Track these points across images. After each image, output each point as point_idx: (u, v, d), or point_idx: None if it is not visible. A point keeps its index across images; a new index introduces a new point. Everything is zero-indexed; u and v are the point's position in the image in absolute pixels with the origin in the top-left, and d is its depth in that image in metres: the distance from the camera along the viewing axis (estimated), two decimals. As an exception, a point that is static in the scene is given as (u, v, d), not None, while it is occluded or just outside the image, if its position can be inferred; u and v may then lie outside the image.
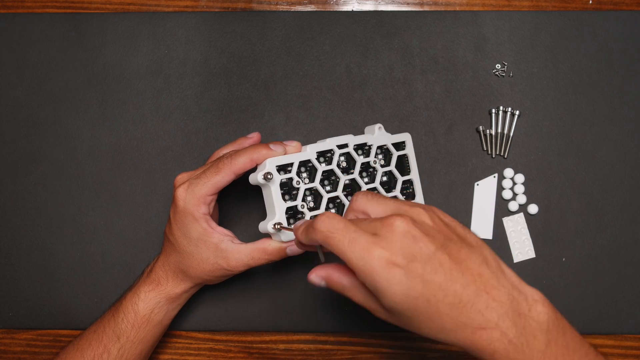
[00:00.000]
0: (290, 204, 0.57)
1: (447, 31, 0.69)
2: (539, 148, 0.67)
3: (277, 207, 0.56)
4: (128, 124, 0.69)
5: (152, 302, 0.58)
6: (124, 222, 0.67)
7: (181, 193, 0.57)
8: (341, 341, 0.66)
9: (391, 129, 0.67)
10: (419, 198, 0.63)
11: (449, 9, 0.71)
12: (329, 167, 0.59)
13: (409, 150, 0.62)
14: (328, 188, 0.59)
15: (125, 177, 0.68)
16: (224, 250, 0.57)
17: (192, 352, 0.65)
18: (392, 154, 0.61)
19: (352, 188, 0.60)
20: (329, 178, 0.59)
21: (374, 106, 0.68)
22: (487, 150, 0.68)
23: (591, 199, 0.66)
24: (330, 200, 0.59)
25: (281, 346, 0.66)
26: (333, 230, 0.43)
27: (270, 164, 0.56)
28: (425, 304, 0.41)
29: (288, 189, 0.57)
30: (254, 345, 0.66)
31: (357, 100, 0.69)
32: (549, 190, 0.67)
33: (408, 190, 0.63)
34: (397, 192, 0.62)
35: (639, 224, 0.66)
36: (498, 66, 0.69)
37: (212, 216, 0.58)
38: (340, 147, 0.59)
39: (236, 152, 0.57)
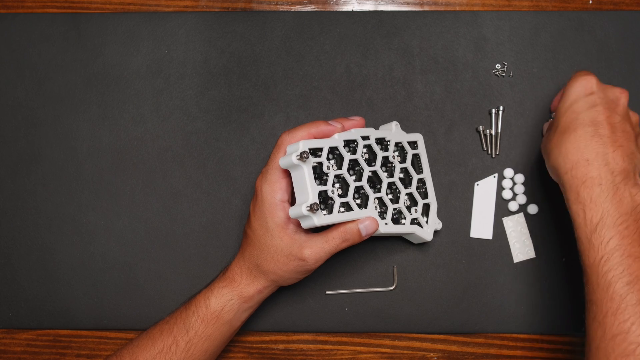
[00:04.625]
0: (321, 188, 0.55)
1: (447, 31, 0.69)
2: (539, 148, 0.67)
3: (310, 189, 0.54)
4: (128, 124, 0.69)
5: (224, 298, 0.58)
6: (124, 222, 0.67)
7: (258, 183, 0.57)
8: (341, 341, 0.66)
9: (391, 129, 0.67)
10: (431, 197, 0.64)
11: (449, 9, 0.71)
12: (354, 157, 0.58)
13: (421, 151, 0.64)
14: (353, 178, 0.57)
15: (125, 177, 0.68)
16: (297, 240, 0.56)
17: (192, 352, 0.65)
18: (406, 152, 0.62)
19: (373, 181, 0.59)
20: (354, 168, 0.58)
21: (374, 106, 0.68)
22: (487, 150, 0.68)
23: (591, 199, 0.66)
24: (355, 189, 0.57)
25: (281, 346, 0.66)
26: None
27: (304, 145, 0.54)
28: (585, 123, 0.55)
29: (317, 175, 0.55)
30: (254, 345, 0.66)
31: (357, 100, 0.69)
32: (549, 190, 0.67)
33: (420, 190, 0.63)
34: (412, 189, 0.62)
35: (639, 224, 0.66)
36: (498, 66, 0.69)
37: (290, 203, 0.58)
38: (363, 138, 0.59)
39: (295, 128, 0.57)
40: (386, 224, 0.59)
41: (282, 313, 0.66)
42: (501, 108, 0.68)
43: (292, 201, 0.57)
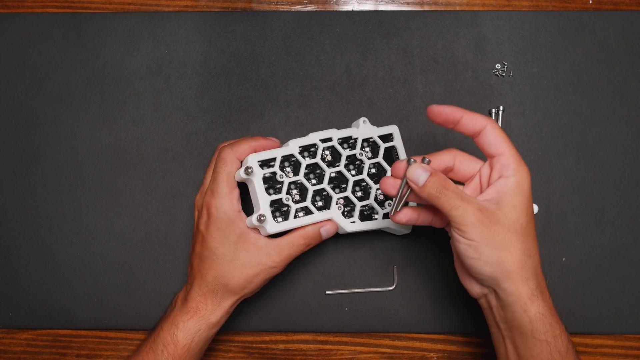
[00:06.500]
0: (274, 197, 0.58)
1: (447, 31, 0.69)
2: (539, 148, 0.67)
3: (260, 200, 0.58)
4: (128, 124, 0.69)
5: (191, 331, 0.56)
6: (124, 222, 0.67)
7: (210, 200, 0.57)
8: (341, 341, 0.66)
9: (391, 129, 0.67)
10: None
11: (449, 9, 0.71)
12: (312, 161, 0.60)
13: (397, 142, 0.64)
14: (314, 181, 0.60)
15: (125, 177, 0.68)
16: (264, 248, 0.57)
17: (192, 352, 0.65)
18: (379, 147, 0.63)
19: (339, 181, 0.61)
20: (314, 172, 0.60)
21: (374, 106, 0.68)
22: (487, 150, 0.68)
23: (591, 199, 0.66)
24: (316, 192, 0.60)
25: (281, 346, 0.66)
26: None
27: (251, 159, 0.58)
28: (516, 231, 0.51)
29: (272, 183, 0.58)
30: (254, 345, 0.66)
31: (357, 100, 0.69)
32: (549, 190, 0.67)
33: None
34: None
35: (639, 224, 0.66)
36: (498, 66, 0.69)
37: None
38: (324, 141, 0.61)
39: (235, 141, 0.59)
40: (353, 222, 0.61)
41: (282, 313, 0.66)
42: (501, 108, 0.68)
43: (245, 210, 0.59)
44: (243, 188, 0.60)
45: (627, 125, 0.68)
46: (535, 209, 0.66)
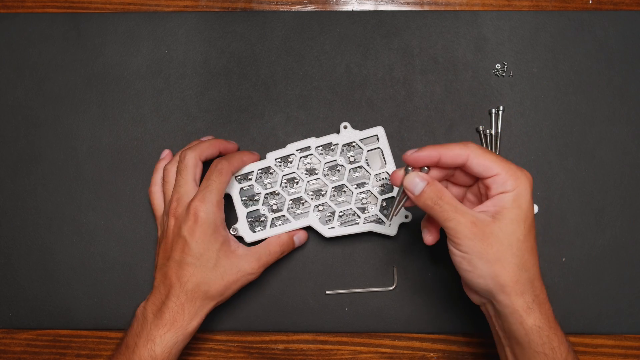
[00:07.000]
0: (251, 208, 0.63)
1: (447, 31, 0.69)
2: (539, 148, 0.67)
3: (239, 212, 0.63)
4: (128, 124, 0.69)
5: (169, 343, 0.56)
6: (124, 222, 0.67)
7: (199, 205, 0.57)
8: (341, 341, 0.66)
9: (391, 129, 0.67)
10: (396, 190, 0.64)
11: (449, 9, 0.71)
12: (290, 171, 0.63)
13: (382, 144, 0.64)
14: (293, 190, 0.63)
15: (125, 177, 0.68)
16: (243, 256, 0.60)
17: (191, 351, 0.65)
18: (362, 150, 0.64)
19: (320, 188, 0.63)
20: (294, 181, 0.63)
21: (374, 106, 0.68)
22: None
23: (591, 199, 0.66)
24: (296, 200, 0.63)
25: (281, 346, 0.66)
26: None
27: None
28: (515, 242, 0.50)
29: (252, 195, 0.63)
30: (254, 345, 0.66)
31: (357, 100, 0.69)
32: (549, 190, 0.67)
33: (387, 183, 0.64)
34: (369, 186, 0.64)
35: (639, 224, 0.66)
36: (498, 66, 0.69)
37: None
38: (303, 150, 0.63)
39: (230, 156, 0.61)
40: (331, 228, 0.63)
41: (282, 313, 0.66)
42: (501, 108, 0.68)
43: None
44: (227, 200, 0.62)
45: (627, 125, 0.68)
46: (535, 209, 0.66)
